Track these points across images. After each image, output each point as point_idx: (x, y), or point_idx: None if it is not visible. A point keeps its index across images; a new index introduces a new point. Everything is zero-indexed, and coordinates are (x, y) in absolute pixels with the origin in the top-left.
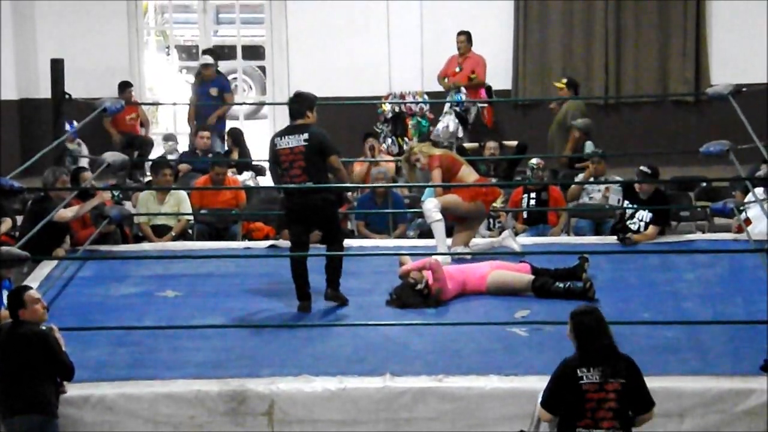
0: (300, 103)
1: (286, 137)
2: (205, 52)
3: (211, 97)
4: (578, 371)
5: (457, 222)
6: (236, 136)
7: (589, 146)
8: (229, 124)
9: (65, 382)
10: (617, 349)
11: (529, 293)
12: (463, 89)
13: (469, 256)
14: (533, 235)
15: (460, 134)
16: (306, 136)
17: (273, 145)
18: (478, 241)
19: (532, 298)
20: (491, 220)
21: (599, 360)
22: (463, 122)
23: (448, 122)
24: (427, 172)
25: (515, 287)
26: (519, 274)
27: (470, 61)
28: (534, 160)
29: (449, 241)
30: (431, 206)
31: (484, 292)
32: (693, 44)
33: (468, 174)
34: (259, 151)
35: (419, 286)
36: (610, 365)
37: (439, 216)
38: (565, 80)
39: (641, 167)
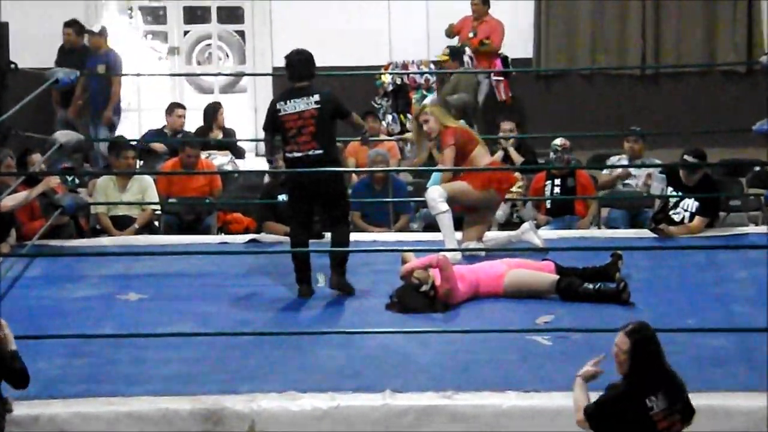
0: (305, 63)
1: (292, 101)
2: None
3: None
4: (647, 401)
5: (466, 213)
6: (211, 112)
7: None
8: (197, 99)
9: (12, 400)
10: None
11: (553, 295)
12: (468, 51)
13: (482, 253)
14: (558, 228)
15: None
16: (317, 98)
17: (274, 110)
18: (494, 235)
19: (556, 301)
20: (509, 211)
21: (663, 385)
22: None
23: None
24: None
25: (537, 289)
26: (541, 273)
27: (486, 26)
28: (558, 141)
29: (459, 235)
30: (435, 195)
31: (501, 295)
32: (745, 6)
33: (481, 156)
34: (238, 129)
35: (424, 288)
36: (674, 388)
37: (445, 207)
38: (447, 50)
39: (685, 155)
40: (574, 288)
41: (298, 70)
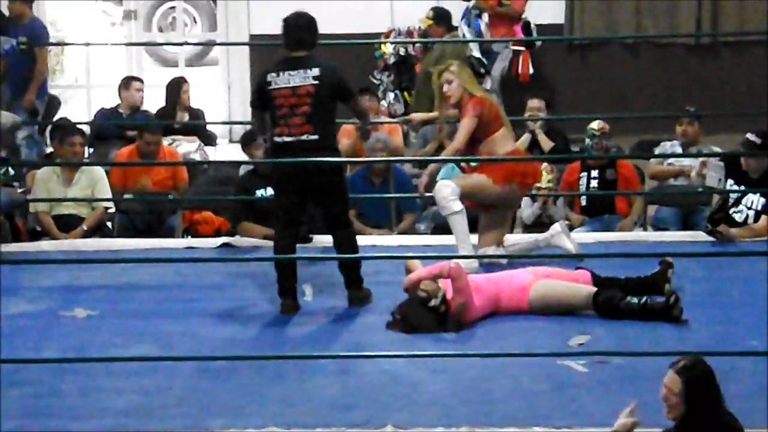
0: (305, 28)
1: (286, 73)
2: None
3: (13, 49)
4: None
5: (482, 212)
6: (175, 89)
7: None
8: (159, 74)
9: None
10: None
11: (588, 311)
12: (485, 17)
13: (503, 261)
14: (595, 230)
15: None
16: (316, 72)
17: (264, 83)
18: (517, 239)
19: (592, 318)
20: (537, 210)
21: (722, 428)
22: (476, 66)
23: None
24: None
25: (569, 303)
26: (575, 284)
27: None
28: (595, 124)
29: (475, 238)
30: (447, 193)
31: (525, 311)
32: None
33: (503, 140)
34: (208, 110)
35: (433, 303)
36: None
37: (459, 206)
38: (431, 13)
39: (748, 135)
40: (614, 302)
41: (295, 36)
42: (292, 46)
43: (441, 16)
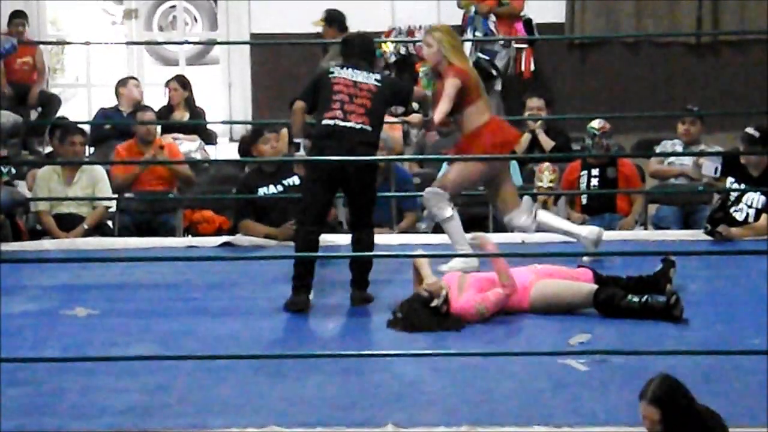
0: (371, 48)
1: (349, 69)
2: None
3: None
4: None
5: (485, 187)
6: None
7: None
8: (159, 72)
9: None
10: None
11: (589, 310)
12: (492, 16)
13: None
14: None
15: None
16: (378, 77)
17: (326, 72)
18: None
19: (593, 316)
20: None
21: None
22: (481, 74)
23: None
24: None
25: (570, 302)
26: (576, 283)
27: None
28: (596, 123)
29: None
30: (435, 202)
31: (527, 310)
32: None
33: (480, 111)
34: (208, 109)
35: (435, 303)
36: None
37: (449, 211)
38: (324, 15)
39: (747, 129)
40: (615, 301)
41: (364, 50)
42: (354, 57)
43: (333, 18)
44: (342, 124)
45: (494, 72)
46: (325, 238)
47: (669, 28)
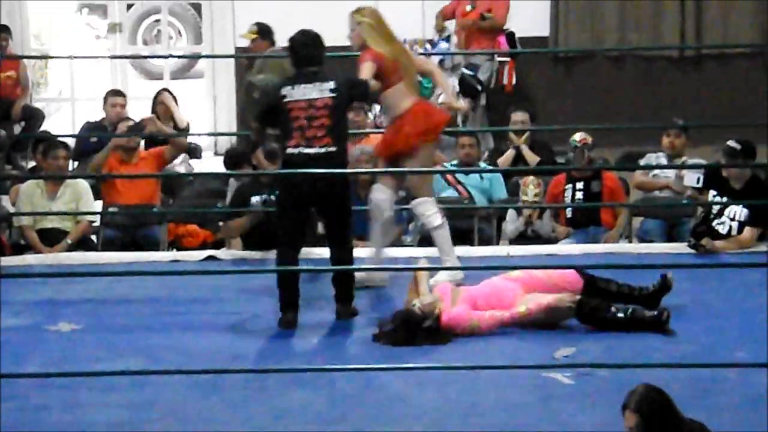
0: (312, 46)
1: (302, 86)
2: None
3: None
4: None
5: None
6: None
7: None
8: (143, 86)
9: None
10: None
11: (575, 322)
12: (454, 39)
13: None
14: (581, 242)
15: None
16: (332, 84)
17: (278, 96)
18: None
19: (579, 329)
20: (522, 224)
21: None
22: (469, 93)
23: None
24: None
25: (555, 317)
26: (560, 297)
27: (486, 1)
28: (577, 136)
29: (458, 250)
30: (424, 210)
31: (514, 324)
32: None
33: (402, 94)
34: (193, 122)
35: (428, 323)
36: None
37: (440, 219)
38: (255, 28)
39: (729, 142)
40: (599, 314)
41: (304, 53)
42: (303, 63)
43: (265, 31)
44: (306, 151)
45: (479, 87)
46: (316, 251)
47: (653, 42)
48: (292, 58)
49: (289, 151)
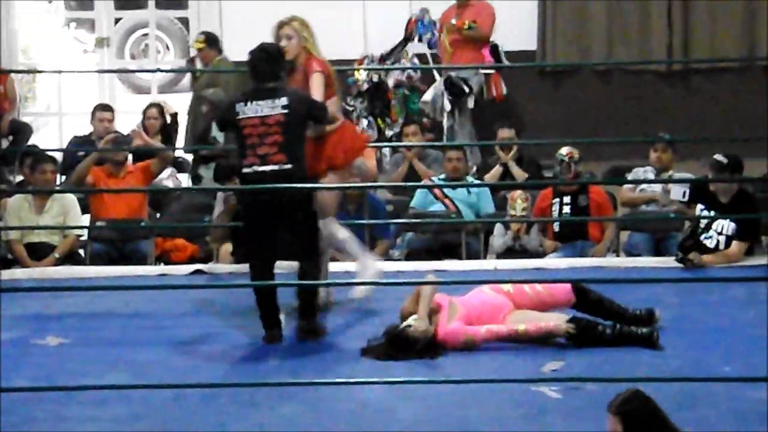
0: (270, 61)
1: (254, 103)
2: None
3: None
4: None
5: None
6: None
7: (215, 129)
8: (131, 100)
9: None
10: None
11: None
12: (438, 24)
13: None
14: (568, 256)
15: (447, 107)
16: (284, 101)
17: (232, 113)
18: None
19: (566, 344)
20: (509, 238)
21: None
22: (456, 92)
23: (433, 90)
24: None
25: (543, 335)
26: (549, 316)
27: (472, 11)
28: (564, 150)
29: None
30: (329, 230)
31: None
32: None
33: (337, 109)
34: (180, 136)
35: (421, 345)
36: None
37: (344, 232)
38: (202, 37)
39: (716, 156)
40: (587, 334)
41: (261, 69)
42: (258, 78)
43: (212, 41)
44: (260, 169)
45: (466, 88)
46: (332, 266)
47: (640, 56)
48: (250, 73)
49: (245, 170)
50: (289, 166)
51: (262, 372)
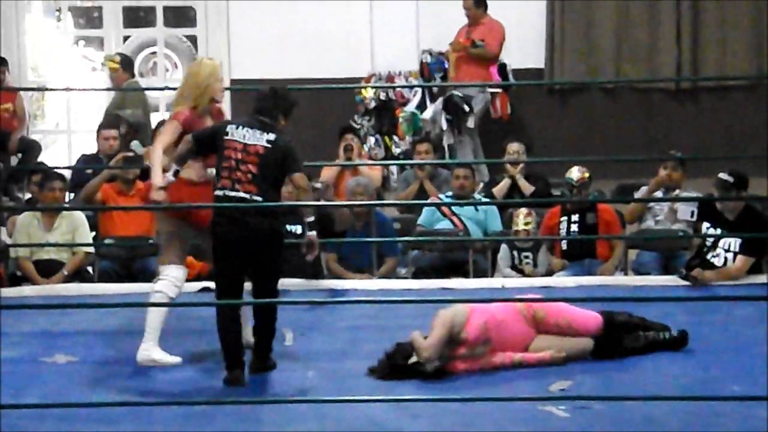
0: (275, 102)
1: (245, 129)
2: None
3: None
4: None
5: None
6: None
7: (136, 146)
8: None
9: None
10: None
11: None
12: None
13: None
14: (576, 274)
15: (444, 125)
16: (271, 137)
17: (221, 131)
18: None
19: (574, 362)
20: (517, 254)
21: None
22: (454, 109)
23: (433, 108)
24: None
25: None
26: (572, 341)
27: (482, 29)
28: (574, 173)
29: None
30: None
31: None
32: None
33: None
34: None
35: (428, 368)
36: None
37: (171, 289)
38: (117, 57)
39: (720, 174)
40: (615, 353)
41: (262, 104)
42: (257, 110)
43: (127, 63)
44: (231, 194)
45: (466, 108)
46: (338, 283)
47: (648, 74)
48: (254, 106)
49: (216, 192)
50: (259, 198)
51: (269, 389)
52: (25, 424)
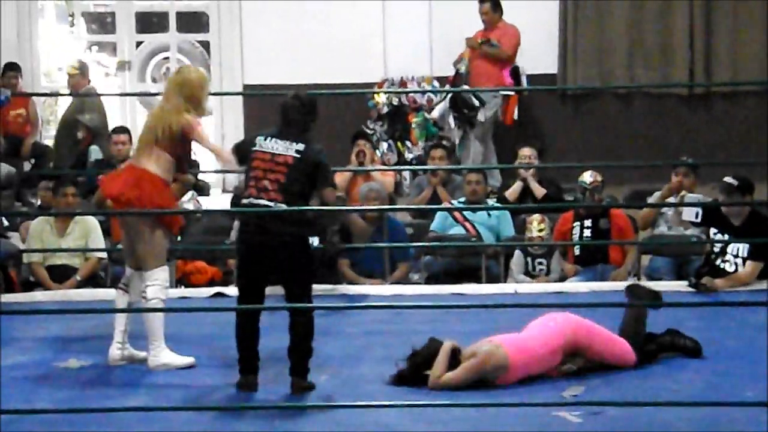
0: (304, 110)
1: (273, 140)
2: None
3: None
4: None
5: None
6: None
7: (95, 152)
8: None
9: None
10: None
11: None
12: (465, 60)
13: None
14: (589, 280)
15: (452, 124)
16: (301, 146)
17: (251, 143)
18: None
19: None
20: (531, 260)
21: None
22: (461, 108)
23: (441, 107)
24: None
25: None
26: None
27: (497, 33)
28: (587, 177)
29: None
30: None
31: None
32: None
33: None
34: (201, 160)
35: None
36: None
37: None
38: (77, 64)
39: (726, 179)
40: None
41: (291, 116)
42: (286, 122)
43: (86, 69)
44: (256, 202)
45: (477, 103)
46: (351, 289)
47: (661, 79)
48: (280, 116)
49: (243, 200)
50: (283, 207)
51: (283, 394)
52: (39, 429)
